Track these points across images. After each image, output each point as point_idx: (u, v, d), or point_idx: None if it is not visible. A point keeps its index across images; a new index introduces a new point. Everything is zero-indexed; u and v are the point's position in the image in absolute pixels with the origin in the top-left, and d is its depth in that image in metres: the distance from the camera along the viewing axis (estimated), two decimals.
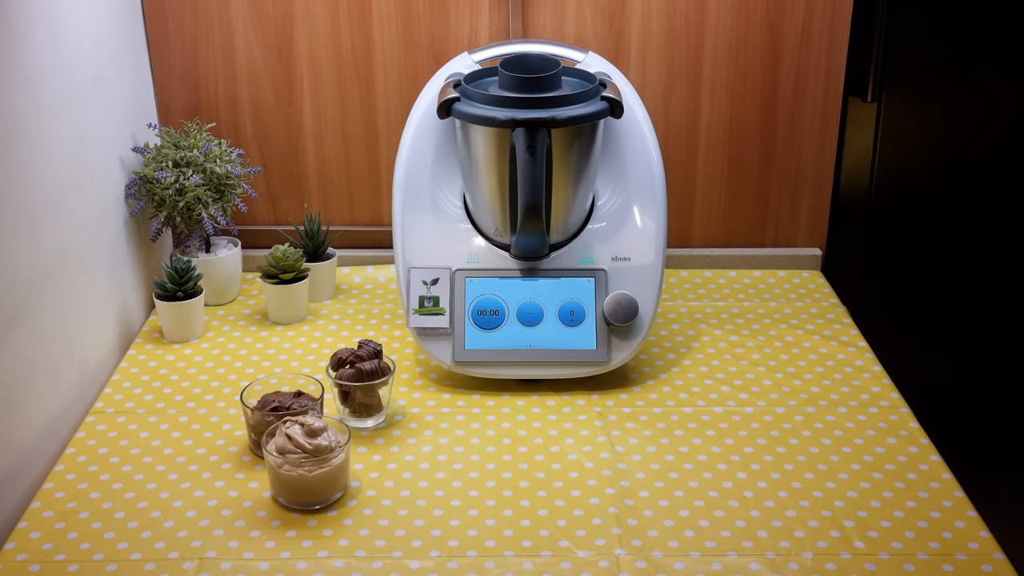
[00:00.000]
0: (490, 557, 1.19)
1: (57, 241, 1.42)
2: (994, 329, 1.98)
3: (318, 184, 1.88)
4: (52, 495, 1.29)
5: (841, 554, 1.20)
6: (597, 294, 1.53)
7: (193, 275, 1.64)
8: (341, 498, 1.29)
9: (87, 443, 1.40)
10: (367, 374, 1.41)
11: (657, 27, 1.76)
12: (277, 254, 1.67)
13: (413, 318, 1.52)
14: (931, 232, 1.93)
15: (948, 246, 1.94)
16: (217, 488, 1.31)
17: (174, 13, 1.76)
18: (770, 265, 1.91)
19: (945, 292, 1.96)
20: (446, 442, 1.41)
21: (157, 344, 1.65)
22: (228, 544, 1.21)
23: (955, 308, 1.97)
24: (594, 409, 1.48)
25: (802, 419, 1.46)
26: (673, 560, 1.19)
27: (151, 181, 1.65)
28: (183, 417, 1.46)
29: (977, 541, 1.22)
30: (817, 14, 1.76)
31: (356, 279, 1.85)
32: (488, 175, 1.51)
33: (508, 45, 1.64)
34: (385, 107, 1.82)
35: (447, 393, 1.52)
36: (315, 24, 1.76)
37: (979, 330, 1.99)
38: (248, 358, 1.61)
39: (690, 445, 1.40)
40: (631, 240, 1.56)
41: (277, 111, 1.83)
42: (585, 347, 1.51)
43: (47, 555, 1.19)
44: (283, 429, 1.28)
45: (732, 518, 1.26)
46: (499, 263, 1.55)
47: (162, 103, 1.82)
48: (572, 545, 1.21)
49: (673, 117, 1.83)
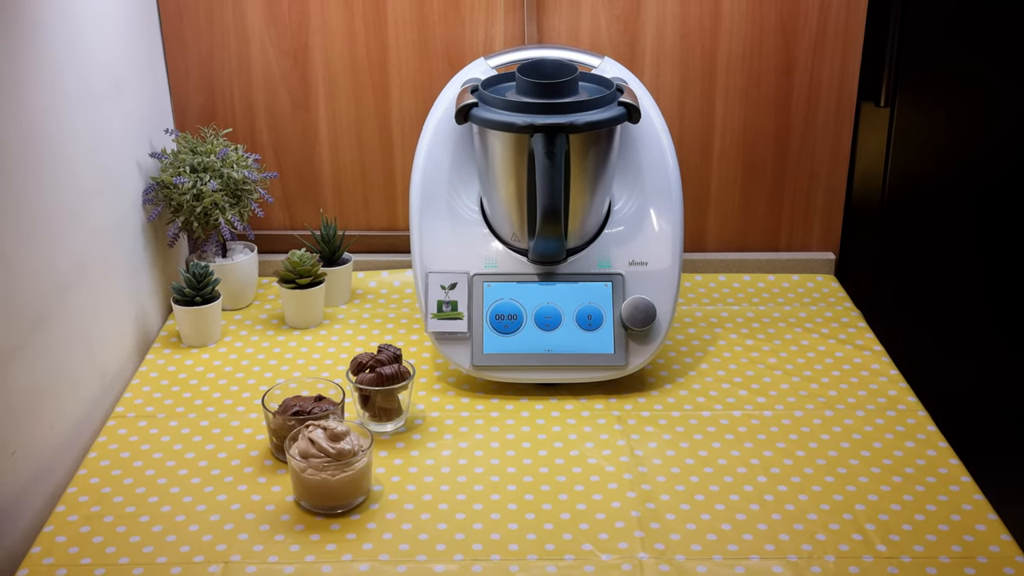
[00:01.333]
0: (514, 560, 1.20)
1: (78, 247, 1.43)
2: (1009, 330, 1.99)
3: (333, 189, 1.89)
4: (76, 499, 1.30)
5: (863, 557, 1.20)
6: (615, 298, 1.53)
7: (211, 280, 1.64)
8: (363, 502, 1.29)
9: (109, 447, 1.40)
10: (387, 378, 1.41)
11: (672, 32, 1.77)
12: (294, 259, 1.67)
13: (431, 322, 1.53)
14: (944, 235, 1.94)
15: (961, 249, 1.94)
16: (240, 492, 1.32)
17: (190, 19, 1.77)
18: (784, 269, 1.91)
19: (959, 294, 1.97)
20: (466, 446, 1.41)
21: (175, 349, 1.65)
22: (253, 548, 1.22)
23: (970, 310, 1.98)
24: (612, 413, 1.49)
25: (820, 423, 1.46)
26: (696, 563, 1.19)
27: (168, 186, 1.66)
28: (203, 421, 1.47)
29: (998, 544, 1.23)
30: (831, 20, 1.77)
31: (371, 284, 1.86)
32: (506, 180, 1.51)
33: (524, 50, 1.65)
34: (400, 112, 1.83)
35: (465, 397, 1.52)
36: (330, 30, 1.77)
37: (993, 332, 1.99)
38: (266, 362, 1.62)
39: (709, 449, 1.41)
40: (648, 244, 1.56)
41: (293, 117, 1.83)
42: (603, 351, 1.52)
43: (73, 559, 1.20)
44: (306, 433, 1.29)
45: (754, 521, 1.26)
46: (517, 267, 1.56)
47: (178, 109, 1.82)
48: (595, 548, 1.22)
49: (687, 122, 1.83)
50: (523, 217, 1.52)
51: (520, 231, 1.54)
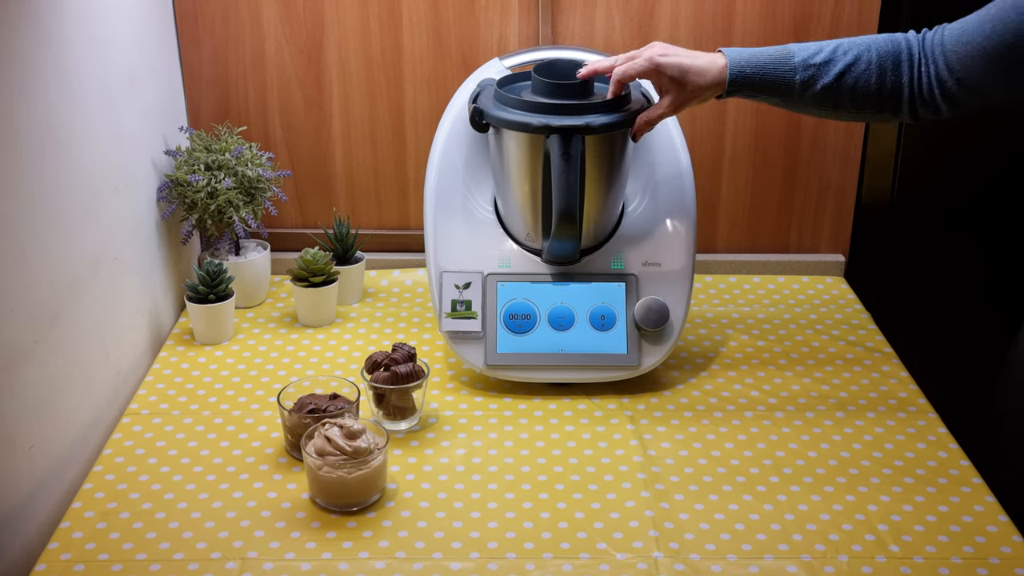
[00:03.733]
0: (529, 559, 1.21)
1: (94, 243, 1.43)
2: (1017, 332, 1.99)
3: (346, 188, 1.89)
4: (92, 496, 1.31)
5: (876, 557, 1.21)
6: (628, 299, 1.54)
7: (225, 278, 1.65)
8: (379, 500, 1.30)
9: (124, 444, 1.41)
10: (402, 377, 1.42)
11: (685, 33, 1.77)
12: (308, 257, 1.68)
13: (445, 322, 1.53)
14: (953, 238, 1.94)
15: (970, 252, 1.95)
16: (256, 489, 1.32)
17: (205, 17, 1.77)
18: (794, 271, 1.92)
19: (968, 297, 1.98)
20: (480, 445, 1.42)
21: (188, 346, 1.66)
22: (269, 545, 1.22)
23: (978, 313, 1.98)
24: (625, 413, 1.49)
25: (831, 424, 1.47)
26: (711, 563, 1.20)
27: (183, 184, 1.67)
28: (217, 419, 1.47)
29: (1010, 545, 1.23)
30: (843, 22, 1.77)
31: (383, 282, 1.87)
32: (521, 180, 1.52)
33: (538, 51, 1.65)
34: (414, 112, 1.83)
35: (479, 396, 1.53)
36: (345, 29, 1.78)
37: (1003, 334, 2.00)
38: (279, 360, 1.62)
39: (722, 449, 1.41)
40: (662, 245, 1.57)
41: (307, 115, 1.84)
42: (616, 351, 1.52)
43: (91, 555, 1.20)
44: (322, 431, 1.29)
45: (767, 521, 1.27)
46: (531, 267, 1.56)
47: (192, 106, 1.83)
48: (610, 547, 1.22)
49: (699, 123, 1.84)
50: (538, 217, 1.53)
51: (534, 231, 1.55)
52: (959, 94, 1.29)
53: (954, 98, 1.30)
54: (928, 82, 1.31)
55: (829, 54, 1.34)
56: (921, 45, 1.32)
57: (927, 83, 1.31)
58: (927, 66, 1.31)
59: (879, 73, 1.32)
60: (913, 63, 1.32)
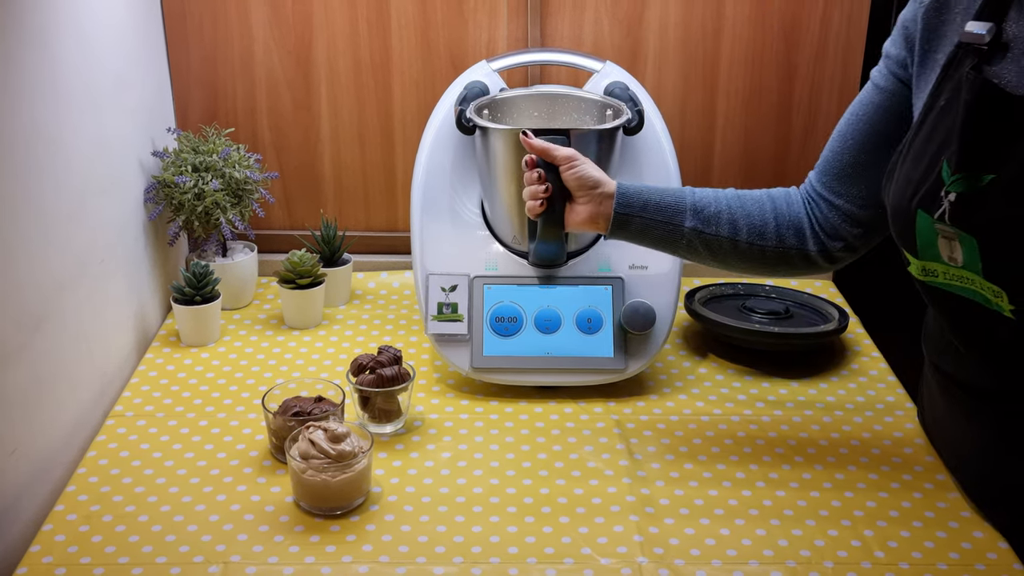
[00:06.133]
0: (513, 563, 1.20)
1: (80, 245, 1.43)
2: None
3: (334, 190, 1.89)
4: (75, 498, 1.30)
5: (862, 563, 1.21)
6: (614, 302, 1.54)
7: (211, 280, 1.64)
8: (363, 503, 1.29)
9: (108, 446, 1.40)
10: (388, 380, 1.42)
11: (674, 37, 1.77)
12: (294, 259, 1.67)
13: (431, 324, 1.53)
14: None
15: None
16: (239, 492, 1.32)
17: (193, 18, 1.77)
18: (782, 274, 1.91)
19: None
20: (465, 448, 1.41)
21: (174, 348, 1.65)
22: (252, 548, 1.22)
23: None
24: (611, 417, 1.49)
25: (818, 428, 1.47)
26: (695, 568, 1.20)
27: (170, 185, 1.66)
28: (202, 421, 1.47)
29: (996, 551, 1.23)
30: (833, 28, 1.77)
31: (371, 284, 1.86)
32: (507, 182, 1.51)
33: (526, 54, 1.65)
34: (402, 114, 1.83)
35: (465, 399, 1.53)
36: (334, 31, 1.77)
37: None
38: (265, 362, 1.62)
39: (708, 453, 1.41)
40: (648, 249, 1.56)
41: (295, 117, 1.83)
42: (602, 355, 1.52)
43: (72, 558, 1.20)
44: (306, 434, 1.29)
45: (752, 526, 1.27)
46: (517, 270, 1.56)
47: (180, 108, 1.82)
48: (594, 552, 1.22)
49: (688, 127, 1.84)
50: (523, 220, 1.52)
51: (520, 234, 1.55)
52: (856, 212, 1.27)
53: (854, 217, 1.28)
54: (822, 214, 1.29)
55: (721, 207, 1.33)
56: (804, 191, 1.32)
57: (822, 216, 1.30)
58: (816, 202, 1.30)
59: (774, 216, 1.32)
60: (806, 204, 1.31)
